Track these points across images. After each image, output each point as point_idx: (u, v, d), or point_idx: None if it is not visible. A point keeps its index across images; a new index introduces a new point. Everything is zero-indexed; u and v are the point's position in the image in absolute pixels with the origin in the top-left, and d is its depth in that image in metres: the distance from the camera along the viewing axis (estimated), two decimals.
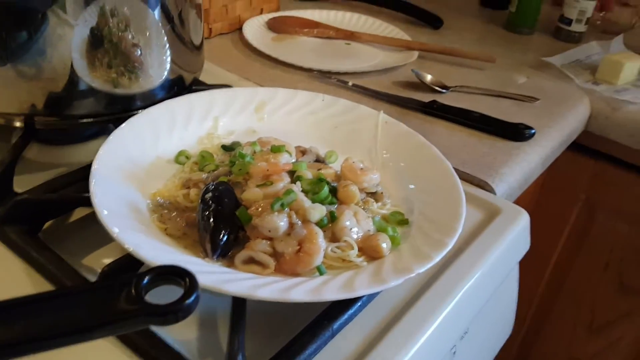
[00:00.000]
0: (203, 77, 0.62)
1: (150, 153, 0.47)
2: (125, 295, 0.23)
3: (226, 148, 0.49)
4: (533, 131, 0.66)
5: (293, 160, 0.46)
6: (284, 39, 0.85)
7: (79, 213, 0.46)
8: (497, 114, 0.68)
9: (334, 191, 0.44)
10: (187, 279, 0.24)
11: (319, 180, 0.43)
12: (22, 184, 0.48)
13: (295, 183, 0.43)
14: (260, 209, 0.40)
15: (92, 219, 0.46)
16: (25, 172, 0.51)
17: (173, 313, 0.23)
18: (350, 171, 0.46)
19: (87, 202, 0.45)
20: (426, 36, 0.93)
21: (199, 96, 0.54)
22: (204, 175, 0.45)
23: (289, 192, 0.40)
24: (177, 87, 0.56)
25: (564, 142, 0.74)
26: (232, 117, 0.54)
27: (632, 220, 0.86)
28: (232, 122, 0.54)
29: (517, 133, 0.66)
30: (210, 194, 0.40)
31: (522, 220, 0.52)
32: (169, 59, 0.54)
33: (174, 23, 0.54)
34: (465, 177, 0.58)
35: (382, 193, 0.47)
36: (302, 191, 0.42)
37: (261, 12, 0.89)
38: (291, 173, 0.44)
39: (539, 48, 0.94)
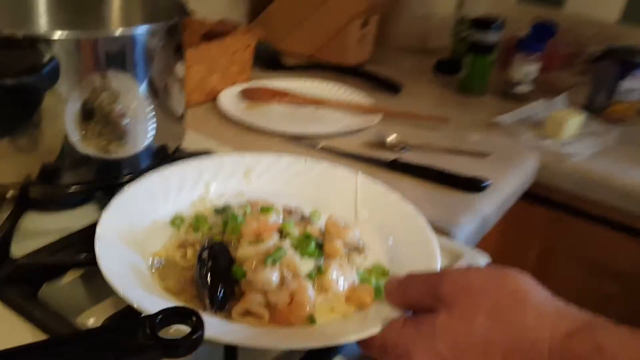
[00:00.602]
0: (185, 145, 0.67)
1: (147, 217, 0.51)
2: (141, 333, 0.27)
3: (218, 211, 0.53)
4: (487, 183, 0.73)
5: (281, 220, 0.50)
6: (256, 106, 0.92)
7: (73, 274, 0.50)
8: (454, 168, 0.75)
9: (320, 246, 0.48)
10: (194, 318, 0.28)
11: (306, 237, 0.48)
12: (14, 248, 0.51)
13: (284, 240, 0.47)
14: (253, 266, 0.43)
15: (85, 279, 0.49)
16: (17, 237, 0.54)
17: (185, 346, 0.27)
18: (334, 227, 0.51)
19: (82, 264, 0.49)
20: (387, 100, 1.01)
21: (190, 164, 0.58)
22: (199, 236, 0.49)
23: (279, 249, 0.45)
24: (161, 154, 0.61)
25: (517, 192, 0.81)
26: (222, 181, 0.58)
27: (586, 265, 0.92)
28: (222, 186, 0.58)
29: (473, 185, 0.73)
30: (206, 253, 0.44)
31: (482, 262, 0.57)
32: (154, 128, 0.59)
33: (159, 96, 0.59)
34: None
35: (363, 247, 0.51)
36: (291, 247, 0.46)
37: (234, 84, 0.96)
38: (280, 231, 0.48)
39: (490, 108, 1.03)
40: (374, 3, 1.13)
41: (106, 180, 0.57)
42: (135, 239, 0.48)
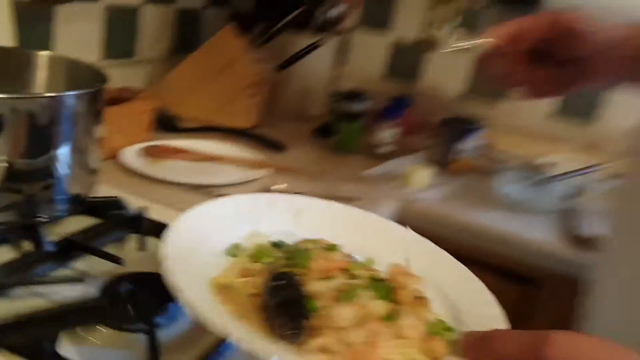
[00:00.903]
0: (95, 193, 0.77)
1: (202, 244, 0.52)
2: None
3: (276, 245, 0.55)
4: None
5: (347, 260, 0.51)
6: (157, 162, 1.03)
7: None
8: None
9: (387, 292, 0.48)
10: None
11: (378, 280, 0.48)
12: None
13: (353, 280, 0.47)
14: (327, 301, 0.44)
15: None
16: None
17: None
18: (401, 276, 0.49)
19: None
20: (274, 157, 1.17)
21: (244, 198, 0.60)
22: (259, 267, 0.50)
23: (354, 286, 0.44)
24: (76, 201, 0.71)
25: None
26: (274, 218, 0.59)
27: None
28: (273, 223, 0.58)
29: None
30: (277, 283, 0.45)
31: None
32: (72, 179, 0.68)
33: (78, 152, 0.68)
34: None
35: (427, 300, 0.48)
36: (362, 288, 0.47)
37: (136, 143, 1.07)
38: (343, 270, 0.49)
39: (360, 164, 1.22)
40: (262, 77, 1.31)
41: (23, 222, 0.66)
42: (193, 263, 0.48)
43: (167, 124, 1.22)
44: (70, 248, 0.67)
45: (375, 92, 1.38)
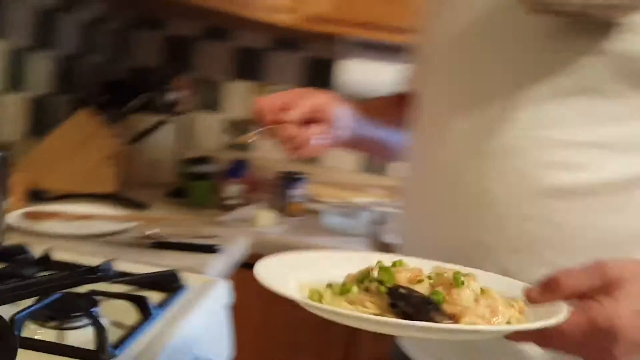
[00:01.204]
0: None
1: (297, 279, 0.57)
2: None
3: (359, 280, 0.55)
4: (217, 247, 1.14)
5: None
6: (40, 222, 1.17)
7: None
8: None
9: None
10: None
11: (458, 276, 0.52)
12: None
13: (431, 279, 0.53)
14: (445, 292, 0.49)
15: None
16: None
17: None
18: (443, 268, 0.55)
19: None
20: (139, 213, 1.37)
21: (334, 252, 0.65)
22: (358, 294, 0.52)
23: (457, 272, 0.50)
24: None
25: (237, 257, 1.24)
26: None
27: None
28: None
29: (210, 250, 1.13)
30: (402, 291, 0.48)
31: (223, 287, 0.95)
32: None
33: None
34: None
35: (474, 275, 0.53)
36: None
37: (12, 211, 1.19)
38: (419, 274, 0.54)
39: (215, 214, 1.47)
40: (118, 150, 1.51)
41: None
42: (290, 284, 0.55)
43: (36, 195, 1.35)
44: None
45: (218, 158, 1.66)
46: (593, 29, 0.61)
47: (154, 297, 0.80)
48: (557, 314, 0.46)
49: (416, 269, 0.54)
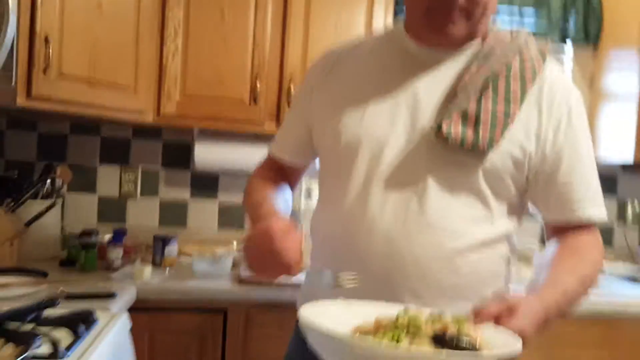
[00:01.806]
0: None
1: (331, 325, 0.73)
2: None
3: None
4: (114, 293, 1.53)
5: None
6: None
7: None
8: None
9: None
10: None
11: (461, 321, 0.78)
12: None
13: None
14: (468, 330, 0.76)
15: None
16: None
17: None
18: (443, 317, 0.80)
19: None
20: (43, 279, 1.70)
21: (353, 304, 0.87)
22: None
23: (456, 315, 0.79)
24: None
25: (127, 304, 1.63)
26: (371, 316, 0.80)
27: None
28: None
29: (109, 296, 1.52)
30: (442, 335, 0.72)
31: (125, 319, 1.36)
32: None
33: None
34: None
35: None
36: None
37: None
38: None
39: (103, 274, 1.83)
40: (17, 230, 1.83)
41: None
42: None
43: None
44: None
45: (98, 230, 2.04)
46: (472, 153, 0.99)
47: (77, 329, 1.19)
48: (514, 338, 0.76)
49: (440, 318, 0.77)
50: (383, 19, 2.06)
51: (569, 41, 2.44)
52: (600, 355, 1.91)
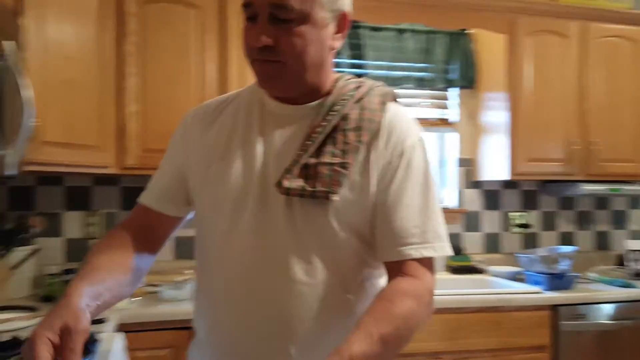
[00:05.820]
0: None
1: None
2: None
3: None
4: (104, 319, 1.88)
5: None
6: None
7: None
8: None
9: None
10: None
11: None
12: None
13: None
14: None
15: None
16: None
17: None
18: None
19: None
20: (33, 312, 2.01)
21: None
22: None
23: None
24: None
25: (115, 326, 1.98)
26: None
27: None
28: None
29: (99, 321, 1.87)
30: None
31: (120, 337, 1.71)
32: None
33: None
34: None
35: None
36: None
37: None
38: None
39: None
40: (5, 274, 2.13)
41: None
42: None
43: None
44: None
45: (75, 268, 2.35)
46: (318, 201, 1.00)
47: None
48: None
49: None
50: None
51: (453, 87, 3.04)
52: (491, 337, 2.46)
